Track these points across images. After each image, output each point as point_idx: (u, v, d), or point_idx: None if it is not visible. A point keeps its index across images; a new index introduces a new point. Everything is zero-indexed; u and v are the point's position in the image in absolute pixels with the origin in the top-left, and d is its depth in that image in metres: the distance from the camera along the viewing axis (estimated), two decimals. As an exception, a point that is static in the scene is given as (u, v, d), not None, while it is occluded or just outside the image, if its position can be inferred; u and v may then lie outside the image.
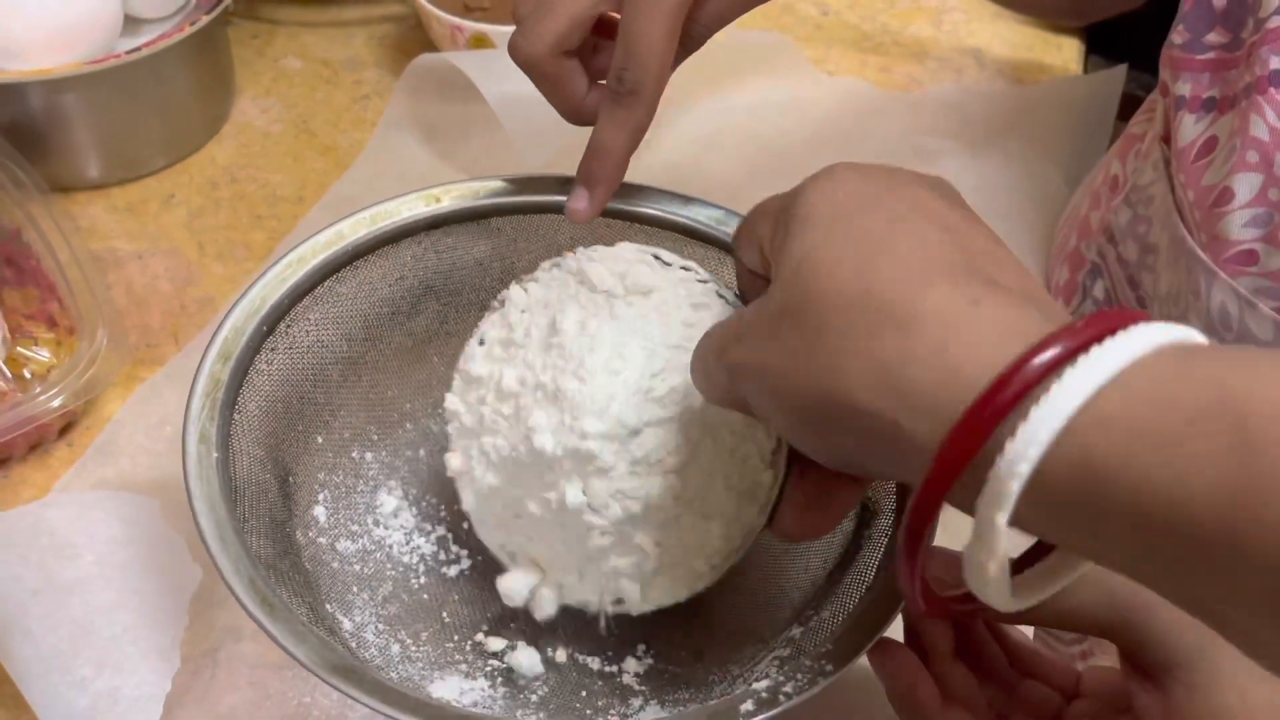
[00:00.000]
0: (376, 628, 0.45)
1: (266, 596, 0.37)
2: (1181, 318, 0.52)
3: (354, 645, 0.43)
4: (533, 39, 0.44)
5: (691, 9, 0.44)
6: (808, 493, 0.38)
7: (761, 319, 0.33)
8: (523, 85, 0.47)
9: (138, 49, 0.64)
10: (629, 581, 0.42)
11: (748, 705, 0.37)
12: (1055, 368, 0.26)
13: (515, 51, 0.45)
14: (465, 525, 0.46)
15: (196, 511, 0.39)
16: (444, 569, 0.48)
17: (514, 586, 0.43)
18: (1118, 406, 0.25)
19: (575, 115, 0.46)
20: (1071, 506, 0.26)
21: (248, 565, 0.38)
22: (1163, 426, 0.25)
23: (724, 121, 0.73)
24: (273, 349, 0.45)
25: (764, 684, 0.38)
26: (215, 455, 0.40)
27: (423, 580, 0.47)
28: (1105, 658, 0.41)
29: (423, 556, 0.48)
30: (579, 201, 0.46)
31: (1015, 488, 0.26)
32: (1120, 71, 0.74)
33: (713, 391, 0.36)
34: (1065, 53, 0.80)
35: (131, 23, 0.67)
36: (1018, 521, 0.27)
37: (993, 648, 0.41)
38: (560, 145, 0.60)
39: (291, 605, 0.38)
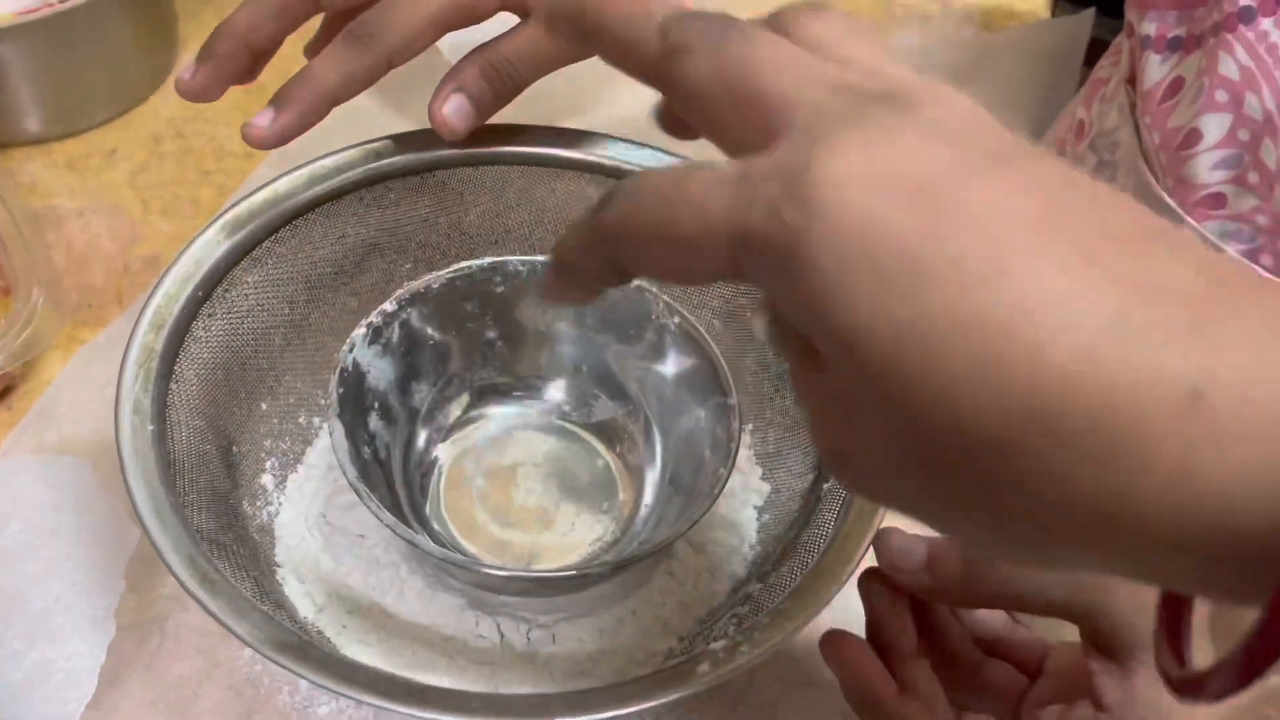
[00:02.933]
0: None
1: (207, 573, 0.36)
2: None
3: (303, 616, 0.42)
4: None
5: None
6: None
7: (874, 449, 0.22)
8: (475, 33, 0.45)
9: (74, -4, 0.62)
10: None
11: (704, 666, 0.36)
12: None
13: None
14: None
15: (131, 488, 0.37)
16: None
17: None
18: None
19: None
20: None
21: (187, 542, 0.37)
22: None
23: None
24: (210, 314, 0.43)
25: (721, 644, 0.37)
26: (151, 428, 0.39)
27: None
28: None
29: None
30: (261, 119, 0.43)
31: None
32: (1087, 17, 0.73)
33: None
34: (1033, -5, 0.79)
35: (66, -31, 0.65)
36: None
37: (956, 629, 0.40)
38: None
39: (234, 580, 0.37)
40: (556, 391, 0.49)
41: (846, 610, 0.40)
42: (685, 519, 0.41)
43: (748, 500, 0.48)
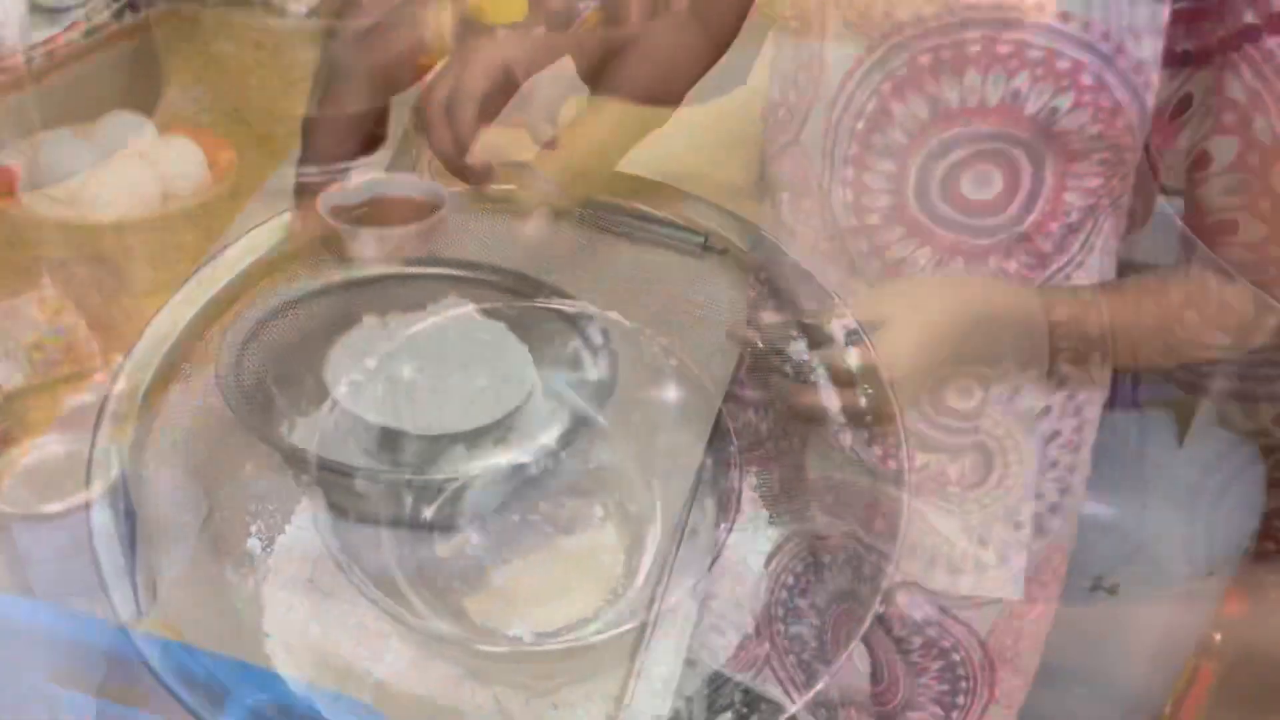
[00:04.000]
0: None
1: (189, 669, 0.35)
2: (1160, 289, 0.50)
3: (294, 689, 0.41)
4: None
5: None
6: None
7: None
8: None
9: (51, 40, 0.60)
10: None
11: None
12: None
13: None
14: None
15: (104, 573, 0.36)
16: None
17: None
18: None
19: None
20: None
21: (166, 636, 0.35)
22: None
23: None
24: (187, 377, 0.42)
25: (727, 716, 0.36)
26: (122, 505, 0.38)
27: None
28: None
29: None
30: None
31: None
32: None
33: None
34: (1034, 2, 0.77)
35: (42, 13, 0.64)
36: None
37: None
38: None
39: (214, 665, 0.36)
40: (550, 440, 0.48)
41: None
42: (688, 572, 0.40)
43: (754, 548, 0.47)
